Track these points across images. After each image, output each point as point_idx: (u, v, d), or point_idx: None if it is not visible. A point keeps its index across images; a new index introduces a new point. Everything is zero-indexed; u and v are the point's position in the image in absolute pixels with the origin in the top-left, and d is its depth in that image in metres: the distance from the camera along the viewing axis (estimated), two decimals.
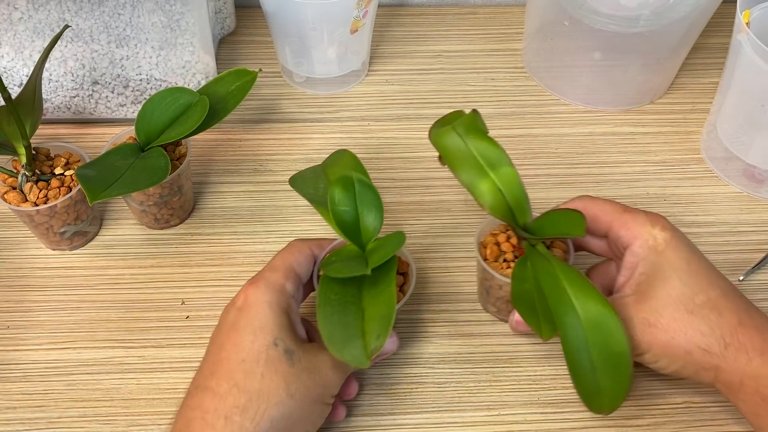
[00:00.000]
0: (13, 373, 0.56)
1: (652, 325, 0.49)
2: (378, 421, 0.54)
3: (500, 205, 0.51)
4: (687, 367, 0.49)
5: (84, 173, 0.54)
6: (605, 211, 0.52)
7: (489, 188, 0.51)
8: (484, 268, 0.54)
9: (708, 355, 0.48)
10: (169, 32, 0.65)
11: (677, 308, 0.49)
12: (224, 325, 0.48)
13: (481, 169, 0.52)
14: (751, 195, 0.68)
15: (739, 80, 0.63)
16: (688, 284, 0.49)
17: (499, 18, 0.83)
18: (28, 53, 0.65)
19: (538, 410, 0.54)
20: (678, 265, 0.50)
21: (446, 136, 0.52)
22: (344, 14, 0.67)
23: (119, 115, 0.70)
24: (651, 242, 0.50)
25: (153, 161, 0.56)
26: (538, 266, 0.50)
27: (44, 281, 0.61)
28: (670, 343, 0.48)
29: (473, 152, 0.52)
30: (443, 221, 0.65)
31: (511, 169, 0.51)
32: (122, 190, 0.53)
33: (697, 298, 0.49)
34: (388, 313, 0.46)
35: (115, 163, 0.55)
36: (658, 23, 0.66)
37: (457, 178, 0.52)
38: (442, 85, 0.76)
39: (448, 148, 0.52)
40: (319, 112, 0.73)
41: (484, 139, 0.52)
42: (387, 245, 0.49)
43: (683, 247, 0.50)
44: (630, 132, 0.73)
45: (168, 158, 0.56)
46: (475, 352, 0.57)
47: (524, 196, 0.52)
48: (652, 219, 0.51)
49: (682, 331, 0.48)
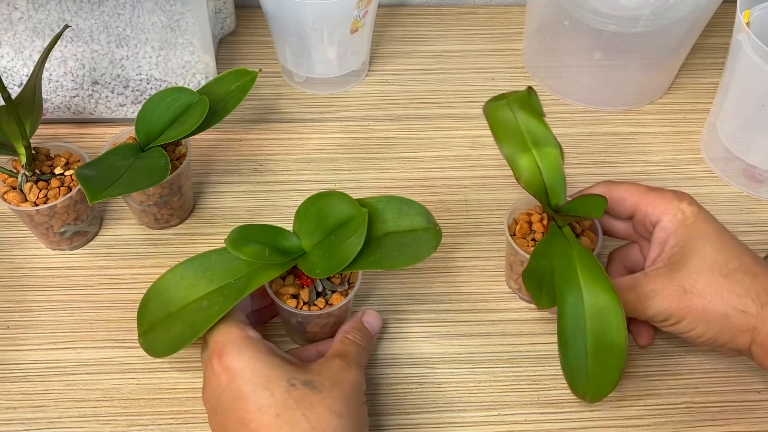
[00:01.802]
0: (13, 373, 0.56)
1: (687, 291, 0.50)
2: (378, 421, 0.54)
3: (536, 182, 0.53)
4: (724, 332, 0.49)
5: (84, 173, 0.53)
6: (630, 192, 0.54)
7: (528, 164, 0.53)
8: (509, 242, 0.55)
9: (745, 316, 0.48)
10: (169, 32, 0.65)
11: (712, 273, 0.49)
12: (227, 403, 0.46)
13: (525, 144, 0.53)
14: (751, 195, 0.68)
15: (739, 80, 0.63)
16: (721, 251, 0.50)
17: (499, 18, 0.83)
18: (28, 53, 0.65)
19: (538, 410, 0.54)
20: (708, 235, 0.51)
21: (499, 108, 0.54)
22: (344, 14, 0.67)
23: (119, 115, 0.70)
24: (680, 216, 0.52)
25: (153, 161, 0.56)
26: (556, 245, 0.51)
27: (44, 281, 0.61)
28: (707, 308, 0.49)
29: (521, 127, 0.53)
30: (443, 221, 0.65)
31: (554, 150, 0.53)
32: (122, 190, 0.53)
33: (731, 263, 0.50)
34: None
35: (115, 163, 0.55)
36: (658, 23, 0.66)
37: (500, 150, 0.53)
38: (442, 85, 0.76)
39: (497, 119, 0.54)
40: (319, 112, 0.73)
41: (535, 117, 0.53)
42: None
43: (711, 219, 0.52)
44: (630, 132, 0.73)
45: (168, 158, 0.56)
46: (475, 352, 0.57)
47: (562, 179, 0.53)
48: (678, 195, 0.53)
49: (719, 294, 0.49)
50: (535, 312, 0.59)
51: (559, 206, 0.53)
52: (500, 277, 0.61)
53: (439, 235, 0.52)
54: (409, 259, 0.51)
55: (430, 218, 0.53)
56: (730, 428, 0.54)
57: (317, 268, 0.50)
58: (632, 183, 0.54)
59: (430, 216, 0.53)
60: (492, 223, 0.65)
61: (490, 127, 0.54)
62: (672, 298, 0.50)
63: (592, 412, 0.54)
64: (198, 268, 0.51)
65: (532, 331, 0.58)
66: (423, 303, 0.60)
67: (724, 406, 0.55)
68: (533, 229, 0.56)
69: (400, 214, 0.53)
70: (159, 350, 0.50)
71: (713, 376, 0.56)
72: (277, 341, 0.57)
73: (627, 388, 0.56)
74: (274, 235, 0.51)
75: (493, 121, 0.54)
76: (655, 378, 0.56)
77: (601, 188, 0.55)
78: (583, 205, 0.52)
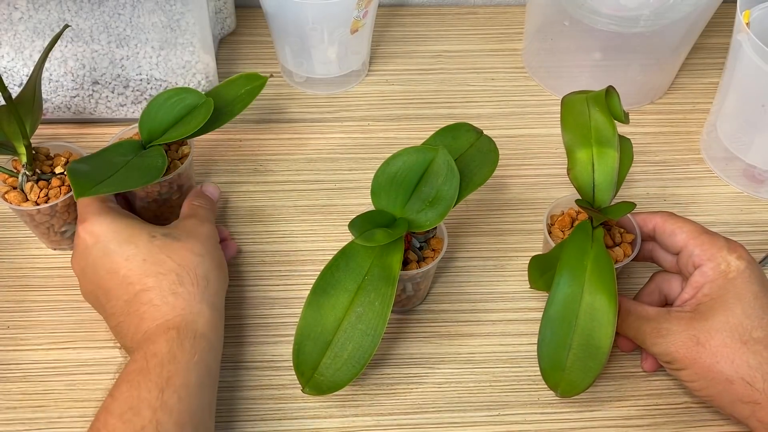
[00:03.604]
0: (13, 373, 0.56)
1: (700, 343, 0.48)
2: (378, 421, 0.54)
3: (586, 177, 0.53)
4: (723, 396, 0.48)
5: (76, 167, 0.52)
6: (684, 228, 0.53)
7: (584, 158, 0.53)
8: (545, 233, 0.56)
9: (750, 388, 0.47)
10: (169, 32, 0.65)
11: (731, 336, 0.48)
12: (96, 261, 0.52)
13: (588, 139, 0.53)
14: (751, 195, 0.68)
15: (739, 80, 0.63)
16: (750, 317, 0.48)
17: (499, 18, 0.83)
18: (28, 53, 0.65)
19: (538, 410, 0.54)
20: (744, 296, 0.49)
21: (576, 100, 0.55)
22: (344, 14, 0.67)
23: (119, 115, 0.70)
24: (723, 267, 0.50)
25: (150, 160, 0.55)
26: (576, 237, 0.51)
27: (44, 281, 0.61)
28: (713, 367, 0.48)
29: (590, 122, 0.54)
30: (443, 221, 0.65)
31: (614, 152, 0.53)
32: (112, 188, 0.52)
33: (756, 332, 0.48)
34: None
35: (112, 160, 0.55)
36: (658, 23, 0.66)
37: (562, 137, 0.54)
38: (442, 85, 0.76)
39: (570, 108, 0.54)
40: (319, 112, 0.73)
41: (607, 117, 0.53)
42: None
43: (755, 280, 0.50)
44: (630, 132, 0.72)
45: (165, 158, 0.55)
46: (475, 352, 0.57)
47: (612, 182, 0.53)
48: (730, 245, 0.51)
49: (729, 359, 0.47)
50: (536, 312, 0.59)
51: (602, 207, 0.53)
52: (500, 277, 0.61)
53: (489, 138, 0.57)
54: (491, 166, 0.54)
55: (476, 128, 0.57)
56: (730, 428, 0.54)
57: (428, 220, 0.51)
58: (690, 221, 0.53)
59: (475, 127, 0.57)
60: (492, 223, 0.65)
61: (561, 114, 0.54)
62: (682, 344, 0.49)
63: (592, 412, 0.54)
64: (326, 288, 0.50)
65: (532, 331, 0.58)
66: (423, 303, 0.60)
67: None
68: (575, 225, 0.56)
69: (455, 139, 0.56)
70: (338, 382, 0.48)
71: None
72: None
73: (627, 388, 0.56)
74: (372, 218, 0.51)
75: (566, 110, 0.54)
76: (655, 378, 0.56)
77: (658, 217, 0.54)
78: (612, 207, 0.52)
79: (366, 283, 0.50)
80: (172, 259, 0.51)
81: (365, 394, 0.55)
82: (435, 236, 0.56)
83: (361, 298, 0.49)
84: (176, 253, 0.52)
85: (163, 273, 0.51)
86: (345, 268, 0.51)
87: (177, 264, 0.51)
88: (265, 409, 0.54)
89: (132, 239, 0.52)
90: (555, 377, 0.49)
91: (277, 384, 0.55)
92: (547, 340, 0.49)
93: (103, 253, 0.52)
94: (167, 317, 0.49)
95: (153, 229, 0.53)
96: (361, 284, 0.50)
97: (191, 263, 0.52)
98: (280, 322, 0.59)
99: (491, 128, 0.59)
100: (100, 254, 0.52)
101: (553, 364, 0.49)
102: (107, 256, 0.52)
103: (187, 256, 0.52)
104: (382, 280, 0.50)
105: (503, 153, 0.57)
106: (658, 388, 0.56)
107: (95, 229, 0.52)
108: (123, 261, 0.51)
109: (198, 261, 0.52)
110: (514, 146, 0.70)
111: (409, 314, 0.59)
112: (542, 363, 0.49)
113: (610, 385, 0.56)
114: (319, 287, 0.50)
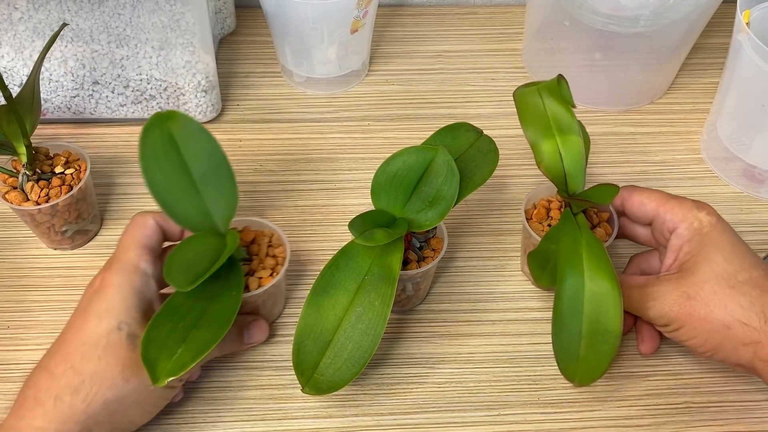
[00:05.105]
0: (13, 373, 0.56)
1: (691, 297, 0.49)
2: (378, 421, 0.54)
3: (556, 168, 0.53)
4: (725, 344, 0.49)
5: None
6: (651, 197, 0.54)
7: (550, 149, 0.53)
8: (524, 226, 0.56)
9: (748, 329, 0.48)
10: (169, 32, 0.65)
11: (718, 282, 0.49)
12: (78, 307, 0.49)
13: (549, 130, 0.54)
14: (751, 195, 0.68)
15: (739, 80, 0.63)
16: (732, 262, 0.50)
17: (499, 18, 0.83)
18: (28, 53, 0.65)
19: (538, 410, 0.55)
20: (722, 245, 0.51)
21: (528, 93, 0.55)
22: (344, 14, 0.67)
23: (119, 115, 0.70)
24: (696, 224, 0.52)
25: (220, 306, 0.48)
26: (565, 228, 0.52)
27: (45, 281, 0.61)
28: (709, 317, 0.49)
29: (548, 113, 0.54)
30: (443, 221, 0.65)
31: (577, 138, 0.53)
32: (189, 360, 0.45)
33: (740, 275, 0.49)
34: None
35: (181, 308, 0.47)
36: (658, 23, 0.66)
37: (524, 133, 0.54)
38: (442, 85, 0.76)
39: (525, 103, 0.55)
40: (319, 112, 0.73)
41: (563, 105, 0.54)
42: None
43: (728, 229, 0.52)
44: (630, 132, 0.73)
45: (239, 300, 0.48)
46: (475, 352, 0.57)
47: (582, 167, 0.53)
48: (697, 204, 0.53)
49: (722, 304, 0.49)
50: (536, 312, 0.59)
51: (576, 193, 0.53)
52: (500, 277, 0.61)
53: (489, 138, 0.57)
54: (491, 166, 0.54)
55: (476, 128, 0.57)
56: (730, 428, 0.54)
57: (427, 220, 0.51)
58: (654, 190, 0.55)
59: (475, 127, 0.57)
60: (492, 222, 0.65)
61: (517, 110, 0.55)
62: (675, 302, 0.50)
63: (592, 412, 0.54)
64: (326, 288, 0.50)
65: (532, 331, 0.58)
66: (423, 303, 0.60)
67: (724, 406, 0.55)
68: (550, 215, 0.57)
69: (455, 138, 0.56)
70: (337, 381, 0.48)
71: (713, 376, 0.56)
72: None
73: (627, 388, 0.56)
74: (372, 218, 0.51)
75: (521, 105, 0.55)
76: (655, 378, 0.56)
77: (624, 191, 0.55)
78: (596, 192, 0.52)
79: (366, 283, 0.50)
80: (97, 365, 0.46)
81: (365, 394, 0.55)
82: (435, 236, 0.56)
83: (361, 298, 0.50)
84: (107, 362, 0.46)
85: (76, 369, 0.46)
86: (345, 268, 0.51)
87: (93, 372, 0.46)
88: (265, 409, 0.54)
89: (104, 314, 0.47)
90: (571, 368, 0.50)
91: (277, 384, 0.55)
92: (559, 335, 0.49)
93: (83, 308, 0.49)
94: (32, 424, 0.45)
95: (133, 319, 0.47)
96: (361, 284, 0.50)
97: (105, 382, 0.46)
98: (280, 322, 0.59)
99: (491, 128, 0.59)
100: (83, 305, 0.49)
101: (567, 356, 0.49)
102: (82, 311, 0.48)
103: (109, 372, 0.46)
104: (382, 279, 0.50)
105: (503, 153, 0.57)
106: (658, 388, 0.56)
107: (106, 279, 0.49)
108: (76, 329, 0.47)
109: (115, 385, 0.46)
110: (514, 146, 0.70)
111: (409, 314, 0.59)
112: (558, 358, 0.50)
113: (610, 385, 0.56)
114: (319, 287, 0.50)
